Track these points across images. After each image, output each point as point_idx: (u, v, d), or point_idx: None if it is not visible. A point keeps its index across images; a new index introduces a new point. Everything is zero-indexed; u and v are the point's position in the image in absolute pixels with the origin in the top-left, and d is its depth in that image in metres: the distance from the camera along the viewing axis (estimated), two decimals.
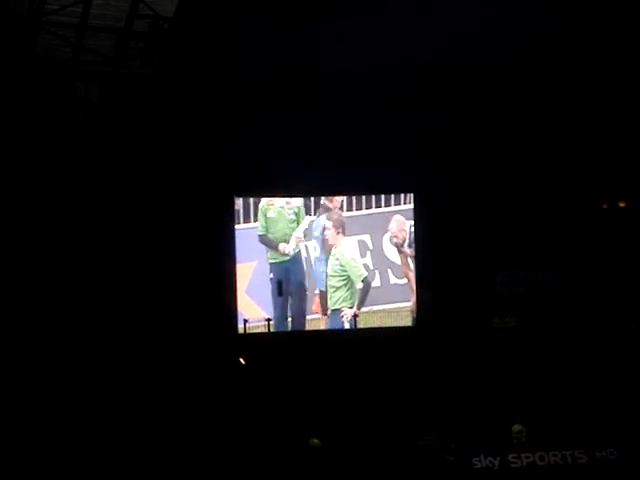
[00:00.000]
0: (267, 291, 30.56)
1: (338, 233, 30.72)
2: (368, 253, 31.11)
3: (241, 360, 30.16)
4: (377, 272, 31.15)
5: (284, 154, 29.88)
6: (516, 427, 27.77)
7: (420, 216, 31.12)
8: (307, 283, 30.69)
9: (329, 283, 30.80)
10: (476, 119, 31.57)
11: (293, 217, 30.63)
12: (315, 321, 30.82)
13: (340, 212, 30.86)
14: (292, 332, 30.63)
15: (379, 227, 31.24)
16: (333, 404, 29.03)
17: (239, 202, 30.46)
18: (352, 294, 30.83)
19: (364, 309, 30.91)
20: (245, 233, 30.49)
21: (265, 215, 30.51)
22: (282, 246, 30.42)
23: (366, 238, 31.12)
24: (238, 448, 26.73)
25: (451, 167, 31.63)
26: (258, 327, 30.42)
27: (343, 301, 30.80)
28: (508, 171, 32.09)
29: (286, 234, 30.57)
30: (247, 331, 30.27)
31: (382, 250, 31.21)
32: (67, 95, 27.85)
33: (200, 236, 30.18)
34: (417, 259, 31.10)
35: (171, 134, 29.35)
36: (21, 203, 28.37)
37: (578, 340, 31.68)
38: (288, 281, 30.53)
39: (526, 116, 31.71)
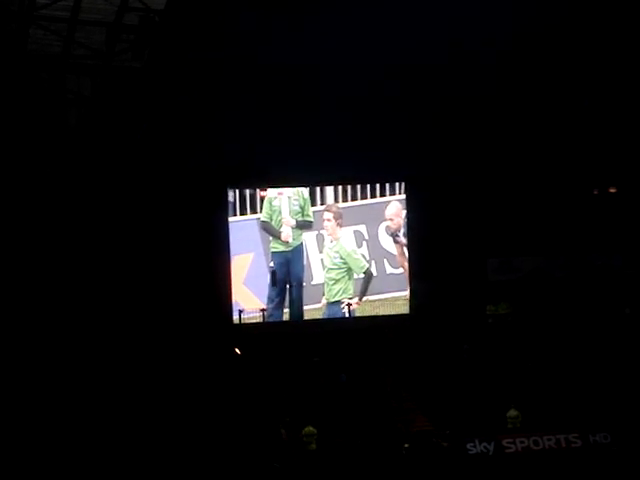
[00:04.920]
0: (264, 282, 30.63)
1: (338, 225, 30.85)
2: (364, 243, 31.20)
3: (236, 350, 30.30)
4: (373, 262, 31.22)
5: (276, 145, 29.94)
6: (512, 412, 27.92)
7: (411, 205, 31.21)
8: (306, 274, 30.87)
9: (327, 276, 30.90)
10: (467, 108, 31.63)
11: (298, 209, 30.75)
12: (312, 311, 30.95)
13: (337, 204, 30.99)
14: (288, 322, 30.73)
15: (375, 217, 31.33)
16: (328, 392, 29.19)
17: (235, 194, 30.56)
18: (352, 286, 30.99)
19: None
20: (242, 225, 30.59)
21: (270, 203, 30.63)
22: (284, 235, 30.56)
23: (362, 228, 31.20)
24: (234, 437, 26.87)
25: (442, 156, 31.71)
26: (253, 317, 30.56)
27: (343, 293, 30.89)
28: (499, 158, 32.20)
29: None
30: (242, 322, 30.40)
31: (378, 240, 31.30)
32: (59, 89, 27.90)
33: (194, 228, 30.27)
34: (410, 248, 31.23)
35: (163, 127, 29.41)
36: (13, 196, 28.47)
37: (571, 326, 31.83)
38: (288, 271, 30.66)
39: (516, 105, 31.79)
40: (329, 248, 30.86)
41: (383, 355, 30.99)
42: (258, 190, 30.58)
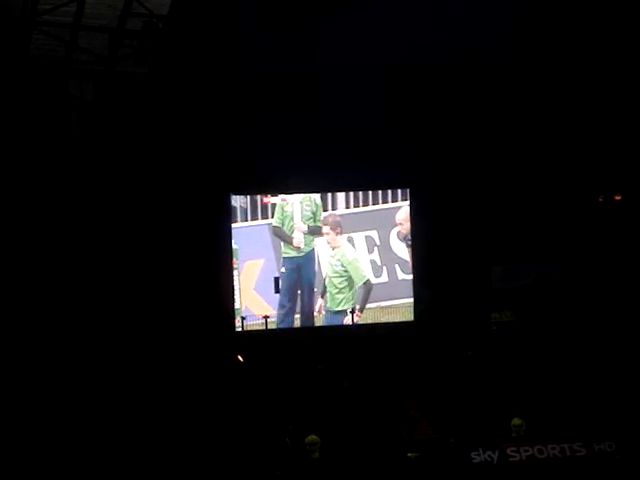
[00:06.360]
0: None
1: (337, 234, 30.74)
2: (375, 249, 31.13)
3: (239, 357, 30.20)
4: (385, 268, 31.16)
5: (280, 152, 29.92)
6: (516, 421, 27.74)
7: (416, 211, 31.15)
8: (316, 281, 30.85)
9: (331, 284, 30.88)
10: (471, 114, 31.60)
11: (310, 214, 30.65)
12: (321, 317, 30.98)
13: (334, 213, 30.88)
14: (291, 329, 30.70)
15: (386, 222, 31.25)
16: (331, 400, 29.07)
17: (247, 200, 30.44)
18: (354, 295, 30.91)
19: (372, 305, 31.02)
20: (253, 230, 30.54)
21: (282, 208, 30.56)
22: (296, 241, 30.46)
23: (373, 234, 31.13)
24: (236, 445, 26.75)
25: (446, 162, 31.68)
26: (256, 324, 30.47)
27: (346, 302, 30.85)
28: (503, 165, 32.17)
29: None
30: (245, 328, 30.30)
31: (389, 246, 31.24)
32: (61, 94, 27.87)
33: (197, 235, 30.22)
34: (414, 254, 31.14)
35: (166, 132, 29.39)
36: (15, 202, 28.42)
37: (575, 333, 31.70)
38: (299, 277, 30.57)
39: (520, 110, 31.76)
40: (331, 256, 30.79)
41: (386, 362, 30.85)
42: (261, 197, 30.51)
